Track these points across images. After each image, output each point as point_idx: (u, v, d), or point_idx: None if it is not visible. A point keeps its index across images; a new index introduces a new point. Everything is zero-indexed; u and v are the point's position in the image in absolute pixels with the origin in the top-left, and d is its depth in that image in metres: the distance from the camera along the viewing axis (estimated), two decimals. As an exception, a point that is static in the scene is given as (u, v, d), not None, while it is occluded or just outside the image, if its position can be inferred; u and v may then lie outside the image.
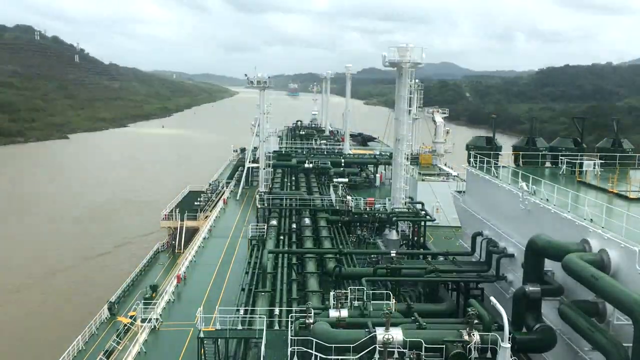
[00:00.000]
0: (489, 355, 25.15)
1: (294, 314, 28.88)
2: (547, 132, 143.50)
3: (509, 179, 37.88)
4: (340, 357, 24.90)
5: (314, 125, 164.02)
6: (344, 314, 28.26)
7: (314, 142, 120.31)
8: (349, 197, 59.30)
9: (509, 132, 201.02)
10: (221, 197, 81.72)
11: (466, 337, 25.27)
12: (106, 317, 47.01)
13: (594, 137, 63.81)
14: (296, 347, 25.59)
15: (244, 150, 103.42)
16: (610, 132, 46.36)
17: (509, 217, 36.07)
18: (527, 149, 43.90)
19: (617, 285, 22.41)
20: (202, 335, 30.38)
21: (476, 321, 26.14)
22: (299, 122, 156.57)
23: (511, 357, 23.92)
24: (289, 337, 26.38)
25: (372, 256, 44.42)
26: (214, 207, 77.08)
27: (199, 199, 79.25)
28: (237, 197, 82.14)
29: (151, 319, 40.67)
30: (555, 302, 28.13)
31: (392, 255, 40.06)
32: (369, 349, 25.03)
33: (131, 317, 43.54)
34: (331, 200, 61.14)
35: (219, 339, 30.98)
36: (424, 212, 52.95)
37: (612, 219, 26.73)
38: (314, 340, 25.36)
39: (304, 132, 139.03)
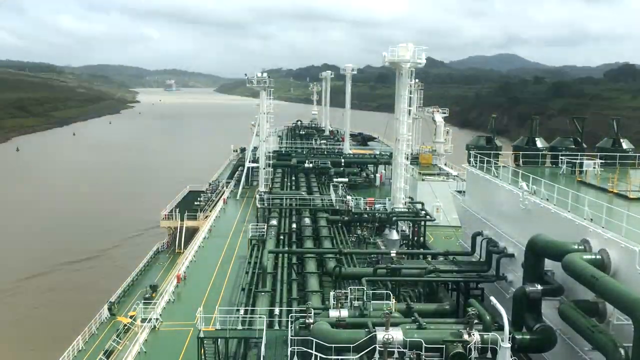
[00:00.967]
0: (489, 355, 25.13)
1: (294, 314, 28.89)
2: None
3: (509, 179, 37.87)
4: (340, 357, 24.89)
5: (313, 125, 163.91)
6: (344, 314, 28.22)
7: (314, 142, 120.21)
8: (349, 197, 59.28)
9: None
10: (221, 197, 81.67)
11: (466, 337, 25.24)
12: (106, 317, 47.05)
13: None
14: (296, 347, 25.58)
15: (244, 150, 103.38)
16: None
17: (509, 217, 36.06)
18: (527, 148, 43.91)
19: (617, 285, 22.40)
20: (202, 335, 30.37)
21: (476, 321, 26.13)
22: (299, 122, 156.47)
23: (511, 357, 23.91)
24: (289, 337, 26.38)
25: (372, 256, 44.37)
26: (214, 207, 77.03)
27: (199, 199, 79.27)
28: (237, 197, 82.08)
29: (151, 319, 40.64)
30: (555, 302, 28.10)
31: (392, 255, 40.05)
32: (369, 349, 25.01)
33: (131, 317, 43.53)
34: (331, 200, 61.13)
35: (219, 339, 30.96)
36: (424, 212, 52.92)
37: (612, 218, 26.71)
38: (314, 340, 25.35)
39: (304, 132, 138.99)
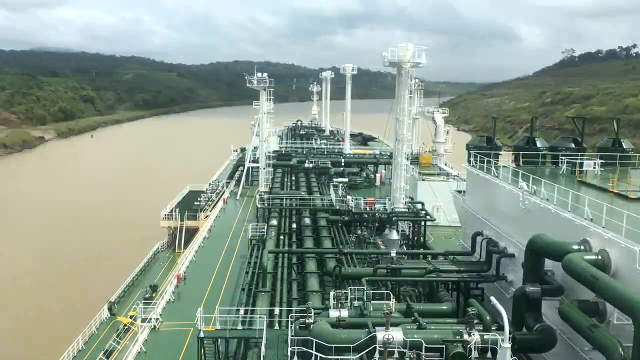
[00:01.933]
0: (489, 355, 25.13)
1: (294, 314, 28.89)
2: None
3: (509, 179, 37.86)
4: (340, 357, 24.90)
5: (313, 125, 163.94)
6: (344, 314, 28.24)
7: (314, 141, 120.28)
8: (349, 197, 59.27)
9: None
10: (221, 196, 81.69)
11: (466, 337, 25.25)
12: (106, 317, 47.05)
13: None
14: (296, 347, 25.59)
15: (244, 150, 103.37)
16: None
17: (509, 217, 36.05)
18: (527, 148, 43.91)
19: (618, 285, 22.41)
20: (202, 335, 30.36)
21: (476, 321, 26.15)
22: (299, 122, 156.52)
23: (511, 357, 23.89)
24: (289, 337, 26.39)
25: (372, 256, 44.35)
26: (214, 206, 77.05)
27: (199, 199, 79.23)
28: (237, 197, 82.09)
29: (151, 319, 40.64)
30: (555, 302, 28.11)
31: (392, 255, 40.04)
32: (369, 349, 25.02)
33: (131, 317, 43.55)
34: (331, 200, 61.12)
35: (219, 339, 30.97)
36: (424, 212, 52.91)
37: (613, 218, 26.70)
38: (314, 340, 25.35)
39: (304, 132, 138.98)
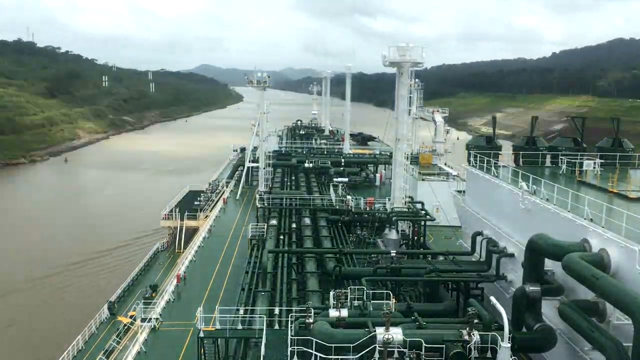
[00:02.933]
0: (489, 355, 25.13)
1: (294, 314, 28.87)
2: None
3: (509, 179, 37.87)
4: (340, 357, 24.90)
5: (313, 125, 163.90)
6: (344, 313, 28.25)
7: (313, 141, 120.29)
8: (349, 197, 59.32)
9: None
10: (221, 196, 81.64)
11: (466, 337, 25.25)
12: (106, 317, 47.09)
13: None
14: (296, 347, 25.59)
15: (243, 149, 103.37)
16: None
17: (509, 217, 36.05)
18: (527, 148, 43.91)
19: (617, 284, 22.40)
20: (202, 335, 30.38)
21: (476, 321, 26.12)
22: (299, 122, 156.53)
23: (511, 357, 23.91)
24: (289, 337, 26.37)
25: (372, 256, 44.35)
26: (214, 206, 77.01)
27: (198, 199, 79.22)
28: (237, 197, 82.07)
29: (151, 319, 40.65)
30: (555, 301, 28.11)
31: (392, 255, 40.08)
32: (369, 349, 25.02)
33: (131, 317, 43.54)
34: (331, 200, 61.16)
35: (219, 339, 31.00)
36: (424, 212, 52.91)
37: (612, 218, 26.72)
38: (314, 340, 25.35)
39: (303, 132, 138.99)
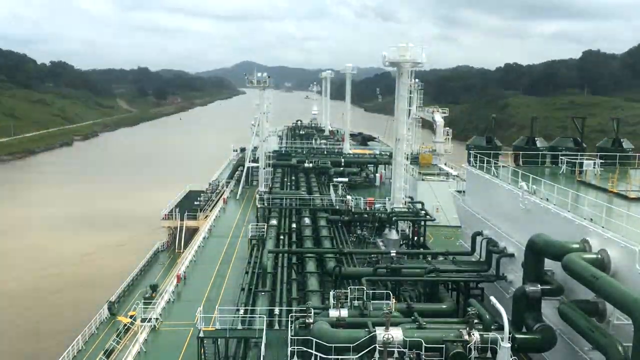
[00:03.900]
0: (489, 355, 25.16)
1: (294, 314, 28.92)
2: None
3: (509, 179, 37.88)
4: (340, 357, 24.90)
5: (313, 125, 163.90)
6: (344, 313, 28.26)
7: (313, 141, 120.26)
8: (349, 197, 59.27)
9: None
10: (221, 196, 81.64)
11: (466, 337, 25.27)
12: (106, 317, 47.07)
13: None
14: (296, 347, 25.62)
15: (243, 149, 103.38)
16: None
17: (509, 217, 36.06)
18: (527, 148, 43.91)
19: (617, 285, 22.42)
20: (202, 335, 30.39)
21: (476, 321, 26.15)
22: (299, 122, 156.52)
23: (511, 357, 23.92)
24: (289, 337, 26.40)
25: (372, 256, 44.32)
26: (214, 206, 77.01)
27: (198, 199, 79.22)
28: (237, 197, 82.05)
29: (151, 319, 40.62)
30: (555, 301, 28.12)
31: (392, 255, 40.07)
32: (368, 349, 25.04)
33: (131, 317, 43.51)
34: (331, 200, 61.14)
35: (219, 339, 30.99)
36: (424, 212, 52.89)
37: (612, 218, 26.73)
38: (314, 340, 25.37)
39: (303, 132, 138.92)
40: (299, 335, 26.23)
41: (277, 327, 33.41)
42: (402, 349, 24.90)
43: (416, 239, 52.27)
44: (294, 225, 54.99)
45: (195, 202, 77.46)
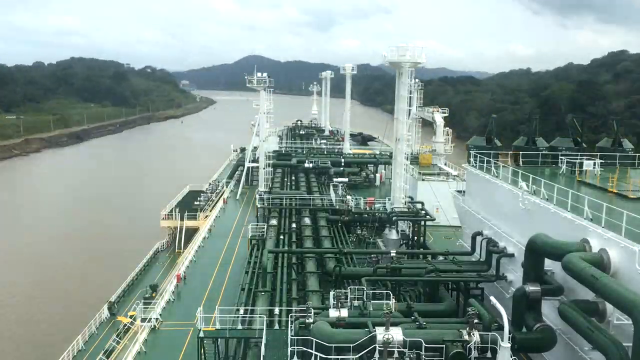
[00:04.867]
0: (489, 355, 25.12)
1: (294, 314, 28.90)
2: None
3: (509, 179, 37.88)
4: (340, 357, 24.90)
5: (313, 125, 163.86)
6: (344, 313, 28.24)
7: (313, 141, 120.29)
8: (349, 197, 59.31)
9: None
10: (221, 196, 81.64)
11: (466, 337, 25.24)
12: (106, 317, 47.05)
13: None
14: (296, 347, 25.60)
15: (243, 150, 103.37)
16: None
17: (509, 217, 36.07)
18: (527, 148, 43.91)
19: (617, 285, 22.41)
20: (202, 335, 30.38)
21: (476, 321, 26.12)
22: (299, 122, 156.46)
23: (511, 357, 23.90)
24: (289, 337, 26.40)
25: (372, 256, 44.41)
26: (214, 206, 77.00)
27: (198, 199, 79.16)
28: (237, 197, 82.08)
29: (151, 319, 40.65)
30: (555, 301, 28.15)
31: (392, 255, 40.09)
32: (368, 349, 25.01)
33: (131, 317, 43.50)
34: (331, 200, 61.15)
35: (219, 339, 30.99)
36: (424, 212, 52.91)
37: (612, 218, 26.72)
38: (314, 340, 25.36)
39: (303, 132, 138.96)
40: (299, 335, 26.22)
41: (277, 327, 33.41)
42: (402, 349, 24.85)
43: (416, 239, 52.30)
44: (294, 225, 55.01)
45: (195, 202, 77.45)
